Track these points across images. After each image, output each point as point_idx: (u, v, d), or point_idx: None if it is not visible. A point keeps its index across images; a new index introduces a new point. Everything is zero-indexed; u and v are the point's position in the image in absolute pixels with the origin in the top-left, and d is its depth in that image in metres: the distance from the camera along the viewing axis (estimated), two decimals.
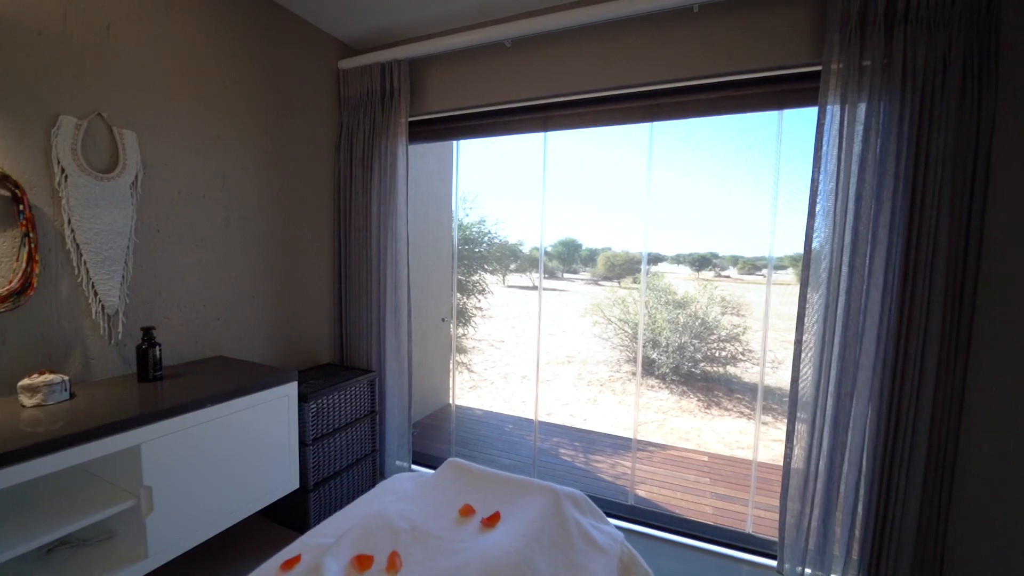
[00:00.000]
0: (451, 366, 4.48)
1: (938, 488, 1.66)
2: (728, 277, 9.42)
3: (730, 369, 7.26)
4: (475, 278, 5.96)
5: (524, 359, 8.00)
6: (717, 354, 7.43)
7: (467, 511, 1.23)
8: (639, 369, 6.17)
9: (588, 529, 1.17)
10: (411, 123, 2.59)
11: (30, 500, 1.34)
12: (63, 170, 1.56)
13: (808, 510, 1.87)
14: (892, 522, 1.73)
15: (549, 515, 1.12)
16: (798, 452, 1.88)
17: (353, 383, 2.40)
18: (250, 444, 1.73)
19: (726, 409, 6.58)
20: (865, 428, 1.76)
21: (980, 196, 1.55)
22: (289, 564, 1.13)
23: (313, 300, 2.64)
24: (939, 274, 1.60)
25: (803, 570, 1.91)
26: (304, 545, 1.22)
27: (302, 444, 2.07)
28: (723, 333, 7.38)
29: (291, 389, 1.88)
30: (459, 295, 5.66)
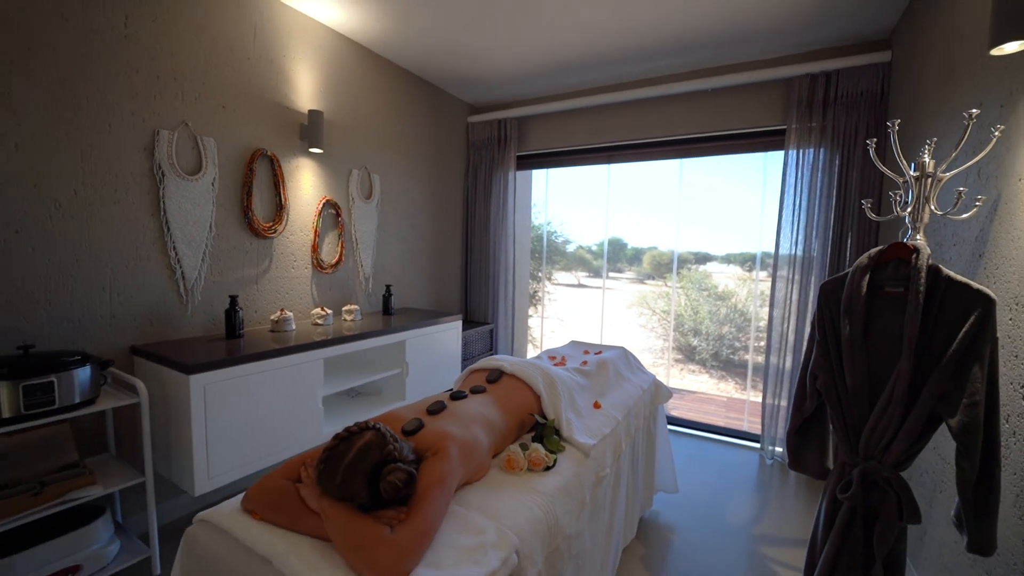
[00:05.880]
0: (541, 332, 5.72)
1: None
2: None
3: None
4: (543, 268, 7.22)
5: None
6: (756, 344, 8.26)
7: (587, 352, 2.46)
8: (671, 327, 7.20)
9: (640, 365, 2.40)
10: (517, 157, 3.85)
11: (348, 368, 2.69)
12: (352, 198, 2.92)
13: (777, 406, 2.97)
14: None
15: (622, 355, 2.34)
16: (772, 363, 2.98)
17: (481, 329, 3.69)
18: (443, 352, 3.03)
19: (761, 391, 7.45)
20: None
21: (876, 208, 2.61)
22: None
23: (449, 276, 3.96)
24: (853, 255, 2.67)
25: (774, 448, 3.01)
26: None
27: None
28: (761, 324, 8.21)
29: (459, 324, 3.18)
30: (531, 282, 6.96)
